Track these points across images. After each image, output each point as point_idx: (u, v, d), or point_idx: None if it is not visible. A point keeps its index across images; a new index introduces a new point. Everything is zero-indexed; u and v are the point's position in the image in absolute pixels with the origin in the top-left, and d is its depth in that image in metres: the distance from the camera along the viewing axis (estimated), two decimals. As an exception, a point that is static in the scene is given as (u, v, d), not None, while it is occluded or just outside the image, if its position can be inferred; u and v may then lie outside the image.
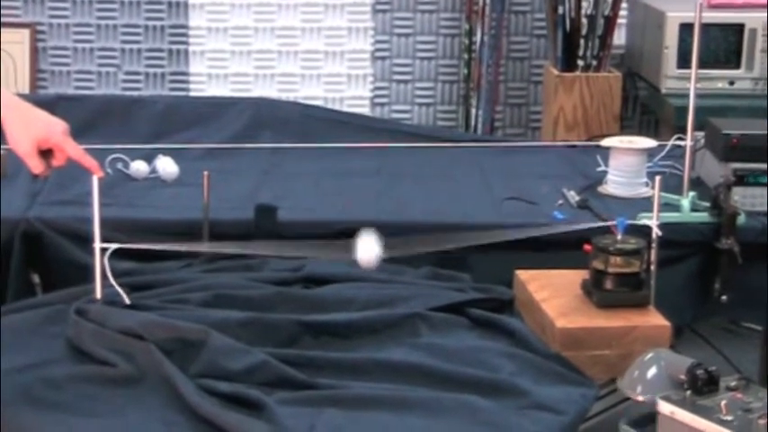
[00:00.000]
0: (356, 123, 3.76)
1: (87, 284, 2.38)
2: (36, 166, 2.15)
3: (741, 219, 2.88)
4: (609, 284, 2.50)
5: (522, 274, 2.67)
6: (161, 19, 4.24)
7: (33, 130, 2.14)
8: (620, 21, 4.04)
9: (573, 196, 3.08)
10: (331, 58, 4.29)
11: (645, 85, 4.00)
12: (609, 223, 2.58)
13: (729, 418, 1.90)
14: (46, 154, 2.16)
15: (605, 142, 3.21)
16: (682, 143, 3.06)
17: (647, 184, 3.11)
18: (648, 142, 3.17)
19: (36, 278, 2.84)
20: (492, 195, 3.13)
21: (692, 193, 2.98)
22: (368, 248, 2.20)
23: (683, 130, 3.04)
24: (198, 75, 4.27)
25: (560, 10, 3.94)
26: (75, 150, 2.20)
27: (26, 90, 4.14)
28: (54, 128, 2.17)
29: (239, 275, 2.54)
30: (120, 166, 3.22)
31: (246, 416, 1.97)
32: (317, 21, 4.26)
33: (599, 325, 2.42)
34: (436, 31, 4.29)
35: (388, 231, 2.31)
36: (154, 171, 3.22)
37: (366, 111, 4.27)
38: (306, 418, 1.98)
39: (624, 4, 4.07)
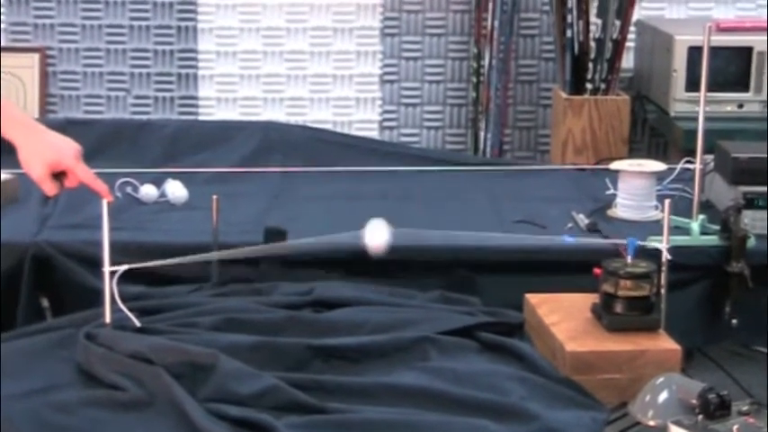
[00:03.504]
0: (365, 147, 3.76)
1: (97, 308, 2.38)
2: (50, 189, 2.19)
3: (751, 242, 2.87)
4: (619, 308, 2.50)
5: (531, 298, 2.66)
6: (170, 43, 4.25)
7: (45, 156, 2.16)
8: (628, 44, 4.04)
9: (582, 219, 3.08)
10: (339, 81, 4.29)
11: (654, 108, 3.99)
12: (618, 241, 2.58)
13: (741, 442, 1.90)
14: (59, 175, 2.18)
15: (614, 165, 3.20)
16: (691, 166, 3.05)
17: (656, 208, 3.10)
18: (657, 165, 3.16)
19: (45, 302, 2.84)
20: (501, 218, 3.12)
21: (701, 217, 2.97)
22: (377, 235, 2.20)
23: (692, 153, 3.04)
24: (207, 99, 4.28)
25: (569, 33, 3.94)
26: (86, 174, 2.22)
27: (36, 114, 4.15)
28: (65, 152, 2.19)
29: (249, 299, 2.54)
30: (129, 189, 3.22)
31: (256, 440, 1.97)
32: (326, 45, 4.27)
33: (609, 349, 2.42)
34: (445, 54, 4.29)
35: (397, 254, 2.31)
36: (163, 195, 3.22)
37: (375, 134, 4.27)
38: (316, 442, 1.97)
39: (632, 28, 4.07)
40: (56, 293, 2.84)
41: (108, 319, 2.33)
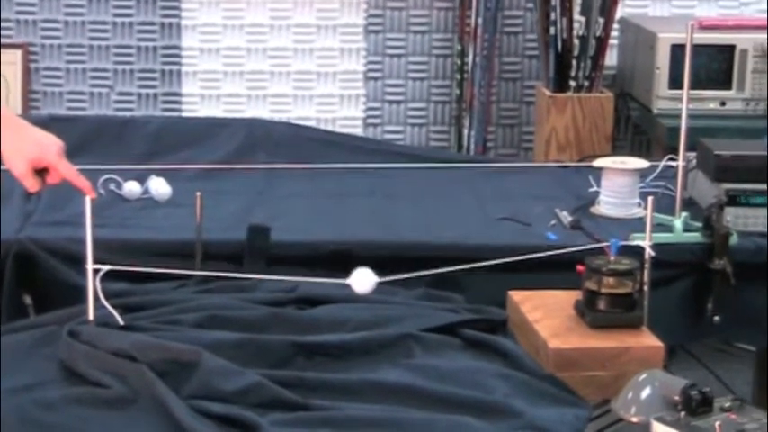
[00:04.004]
0: (349, 144, 3.76)
1: (80, 305, 2.37)
2: (32, 185, 2.19)
3: (733, 239, 2.88)
4: (602, 305, 2.50)
5: (515, 295, 2.67)
6: (153, 40, 4.24)
7: (26, 151, 2.15)
8: (611, 42, 4.06)
9: (565, 217, 3.08)
10: (323, 78, 4.29)
11: (637, 105, 4.01)
12: (602, 245, 2.58)
13: (724, 438, 1.90)
14: (42, 171, 2.18)
15: (597, 163, 3.21)
16: (674, 163, 3.06)
17: (639, 205, 3.11)
18: (641, 163, 3.17)
19: (28, 299, 2.83)
20: (485, 216, 3.13)
21: (684, 214, 2.98)
22: (363, 281, 2.22)
23: (675, 150, 3.05)
24: (190, 95, 4.27)
25: (552, 31, 3.95)
26: (68, 171, 2.21)
27: (18, 111, 4.14)
28: (47, 148, 2.18)
29: (232, 296, 2.54)
30: (112, 186, 3.21)
31: (240, 437, 1.97)
32: (310, 42, 4.27)
33: (592, 346, 2.42)
34: (428, 51, 4.30)
35: (380, 251, 2.31)
36: (146, 192, 3.21)
37: (359, 131, 4.28)
38: (299, 439, 1.97)
39: (616, 25, 4.08)
40: (39, 290, 2.82)
41: (91, 316, 2.33)
